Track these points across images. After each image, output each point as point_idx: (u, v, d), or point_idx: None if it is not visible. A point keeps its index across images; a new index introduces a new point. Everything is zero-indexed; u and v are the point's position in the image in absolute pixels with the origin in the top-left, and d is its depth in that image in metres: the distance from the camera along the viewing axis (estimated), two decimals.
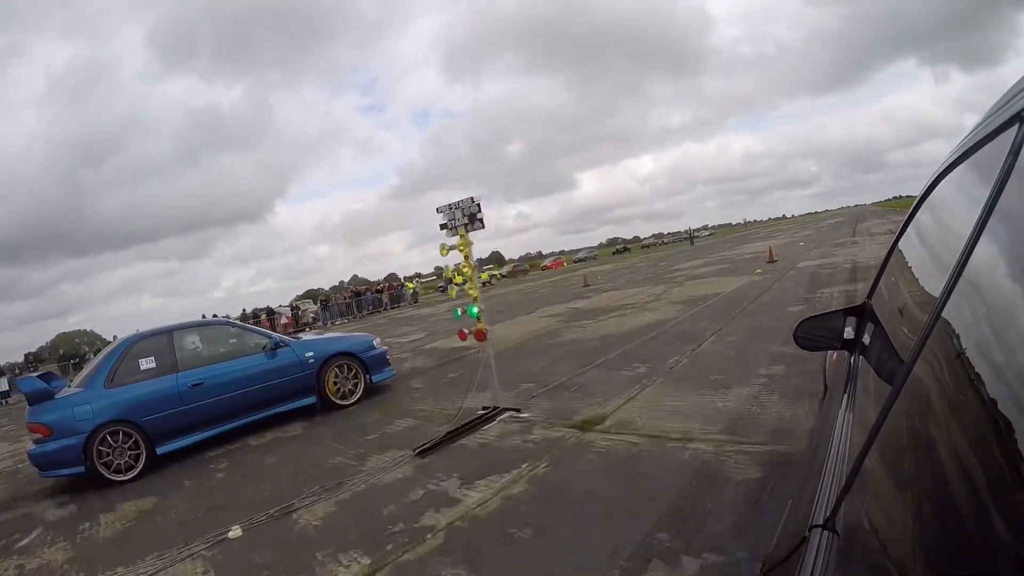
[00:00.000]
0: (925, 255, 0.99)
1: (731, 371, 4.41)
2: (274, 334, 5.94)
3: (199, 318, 8.84)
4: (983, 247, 0.59)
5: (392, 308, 30.18)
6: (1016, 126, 0.60)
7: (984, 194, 0.62)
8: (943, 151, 1.02)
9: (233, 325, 5.99)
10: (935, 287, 0.72)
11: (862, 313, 1.37)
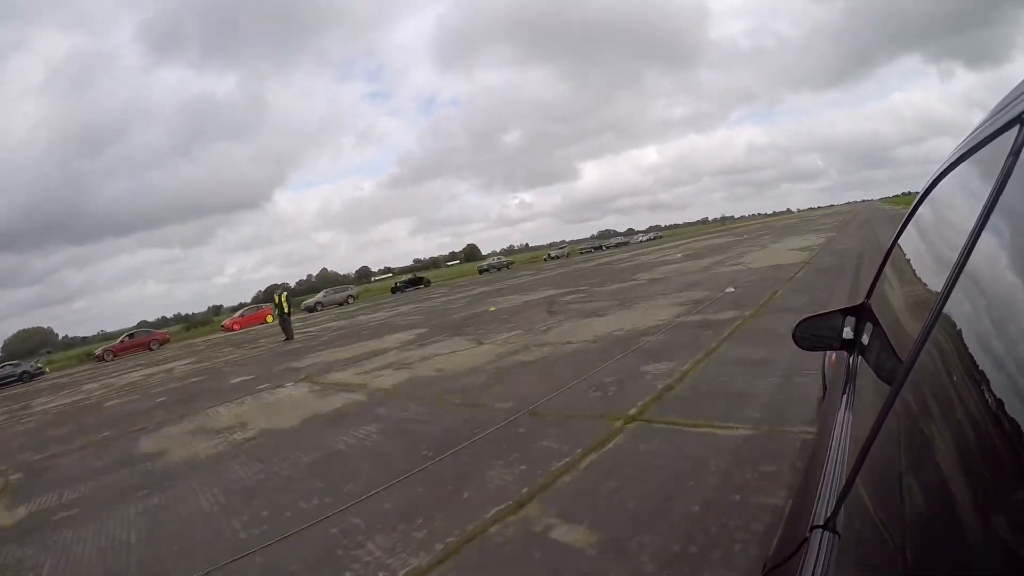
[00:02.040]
0: (925, 255, 0.99)
1: None
2: None
3: (206, 306, 7.21)
4: (983, 247, 0.59)
5: None
6: (1017, 128, 0.61)
7: (984, 194, 0.62)
8: (949, 148, 1.02)
9: None
10: (934, 287, 0.72)
11: (861, 313, 1.36)
